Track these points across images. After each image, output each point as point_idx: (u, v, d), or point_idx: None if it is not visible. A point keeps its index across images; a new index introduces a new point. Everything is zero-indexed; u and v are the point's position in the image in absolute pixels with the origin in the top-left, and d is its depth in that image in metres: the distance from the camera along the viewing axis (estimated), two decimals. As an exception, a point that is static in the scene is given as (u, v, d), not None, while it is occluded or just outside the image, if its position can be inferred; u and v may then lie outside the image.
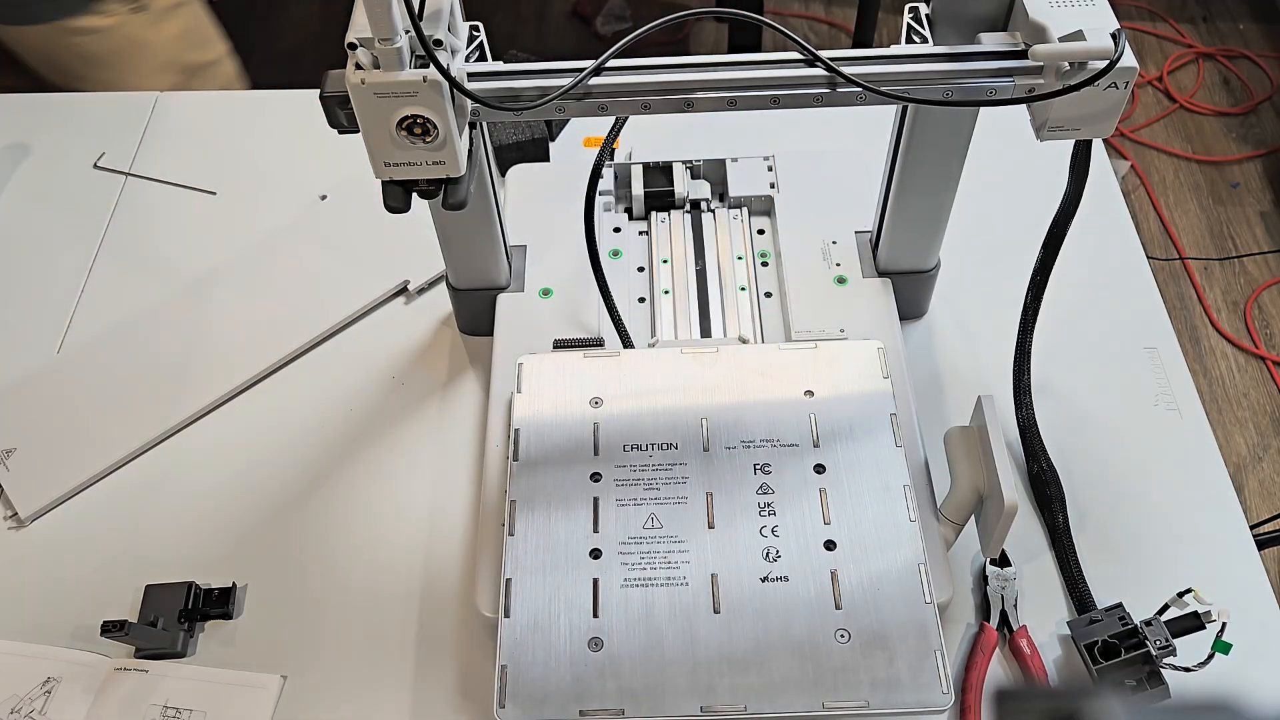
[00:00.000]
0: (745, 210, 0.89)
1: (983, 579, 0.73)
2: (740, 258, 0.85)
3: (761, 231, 0.88)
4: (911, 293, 0.84)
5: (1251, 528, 0.76)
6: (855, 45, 2.05)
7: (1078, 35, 0.57)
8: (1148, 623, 0.67)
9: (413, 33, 0.53)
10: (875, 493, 0.67)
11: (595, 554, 0.65)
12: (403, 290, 0.91)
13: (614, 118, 0.65)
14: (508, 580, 0.64)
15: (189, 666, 0.71)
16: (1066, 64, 0.57)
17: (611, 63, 0.58)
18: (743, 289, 0.84)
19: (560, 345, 0.79)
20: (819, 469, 0.69)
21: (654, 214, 0.88)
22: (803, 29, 2.44)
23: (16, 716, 0.68)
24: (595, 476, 0.69)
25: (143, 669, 0.70)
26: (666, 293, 0.83)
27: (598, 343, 0.79)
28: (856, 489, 0.68)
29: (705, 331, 0.81)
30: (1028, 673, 0.69)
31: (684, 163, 0.89)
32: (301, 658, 0.71)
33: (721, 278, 0.84)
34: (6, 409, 0.83)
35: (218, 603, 0.72)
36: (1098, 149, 0.93)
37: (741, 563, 0.65)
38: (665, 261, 0.85)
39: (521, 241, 0.86)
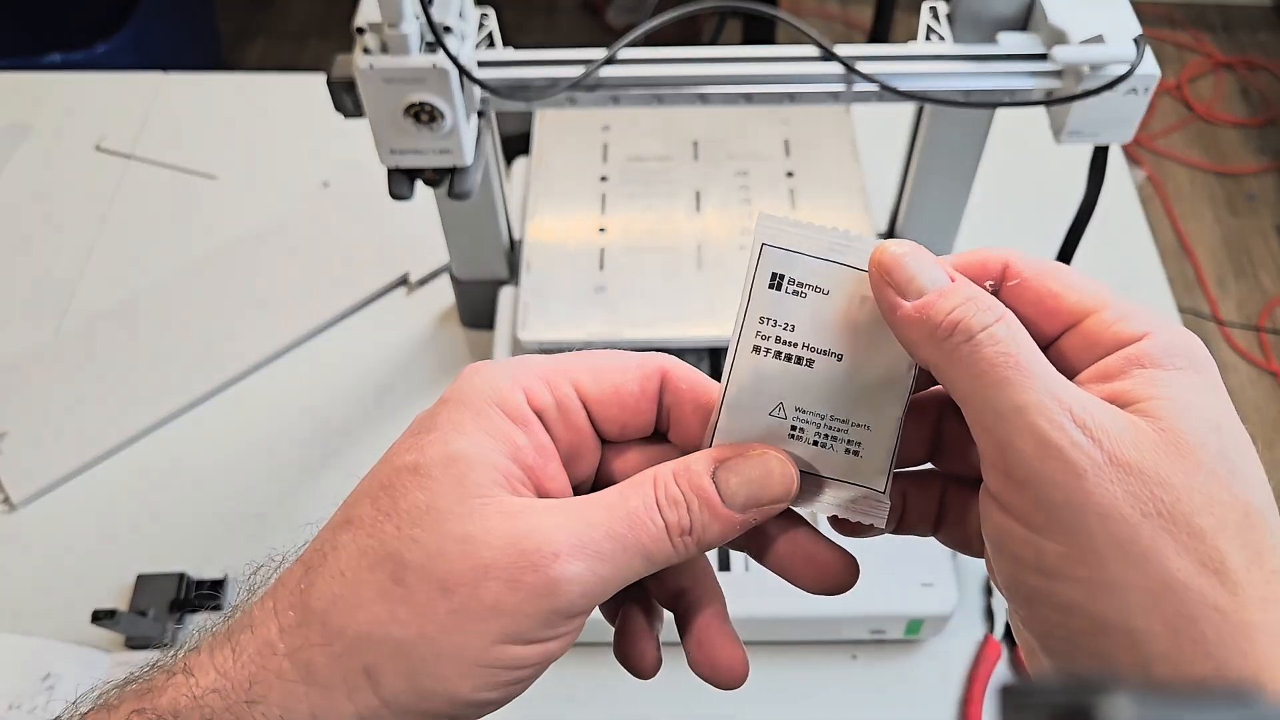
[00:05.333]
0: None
1: (988, 590, 0.72)
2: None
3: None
4: (922, 296, 0.83)
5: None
6: (871, 43, 2.03)
7: (1098, 39, 0.56)
8: (1155, 640, 0.66)
9: (422, 18, 0.52)
10: (832, 191, 0.82)
11: (601, 230, 0.80)
12: (403, 281, 0.90)
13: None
14: (528, 247, 0.79)
15: None
16: (1087, 67, 0.55)
17: (624, 54, 0.57)
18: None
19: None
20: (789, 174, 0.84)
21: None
22: (817, 26, 2.43)
23: (17, 713, 0.66)
24: (603, 178, 0.83)
25: None
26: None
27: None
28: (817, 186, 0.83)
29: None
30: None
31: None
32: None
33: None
34: (1, 392, 0.82)
35: (209, 594, 0.71)
36: (1115, 156, 0.91)
37: (721, 235, 0.80)
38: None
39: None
